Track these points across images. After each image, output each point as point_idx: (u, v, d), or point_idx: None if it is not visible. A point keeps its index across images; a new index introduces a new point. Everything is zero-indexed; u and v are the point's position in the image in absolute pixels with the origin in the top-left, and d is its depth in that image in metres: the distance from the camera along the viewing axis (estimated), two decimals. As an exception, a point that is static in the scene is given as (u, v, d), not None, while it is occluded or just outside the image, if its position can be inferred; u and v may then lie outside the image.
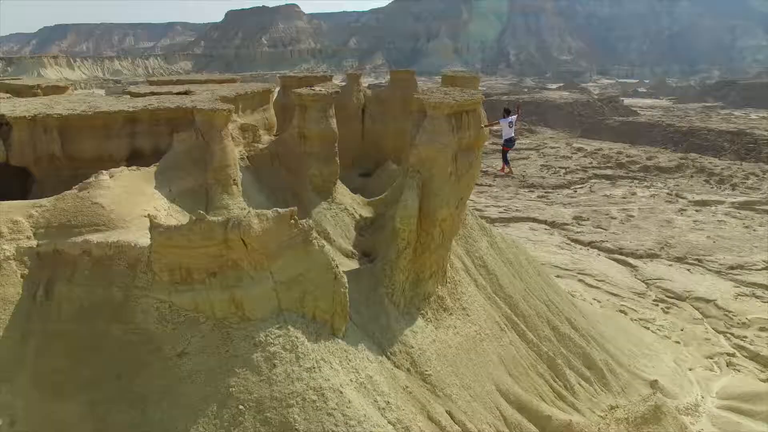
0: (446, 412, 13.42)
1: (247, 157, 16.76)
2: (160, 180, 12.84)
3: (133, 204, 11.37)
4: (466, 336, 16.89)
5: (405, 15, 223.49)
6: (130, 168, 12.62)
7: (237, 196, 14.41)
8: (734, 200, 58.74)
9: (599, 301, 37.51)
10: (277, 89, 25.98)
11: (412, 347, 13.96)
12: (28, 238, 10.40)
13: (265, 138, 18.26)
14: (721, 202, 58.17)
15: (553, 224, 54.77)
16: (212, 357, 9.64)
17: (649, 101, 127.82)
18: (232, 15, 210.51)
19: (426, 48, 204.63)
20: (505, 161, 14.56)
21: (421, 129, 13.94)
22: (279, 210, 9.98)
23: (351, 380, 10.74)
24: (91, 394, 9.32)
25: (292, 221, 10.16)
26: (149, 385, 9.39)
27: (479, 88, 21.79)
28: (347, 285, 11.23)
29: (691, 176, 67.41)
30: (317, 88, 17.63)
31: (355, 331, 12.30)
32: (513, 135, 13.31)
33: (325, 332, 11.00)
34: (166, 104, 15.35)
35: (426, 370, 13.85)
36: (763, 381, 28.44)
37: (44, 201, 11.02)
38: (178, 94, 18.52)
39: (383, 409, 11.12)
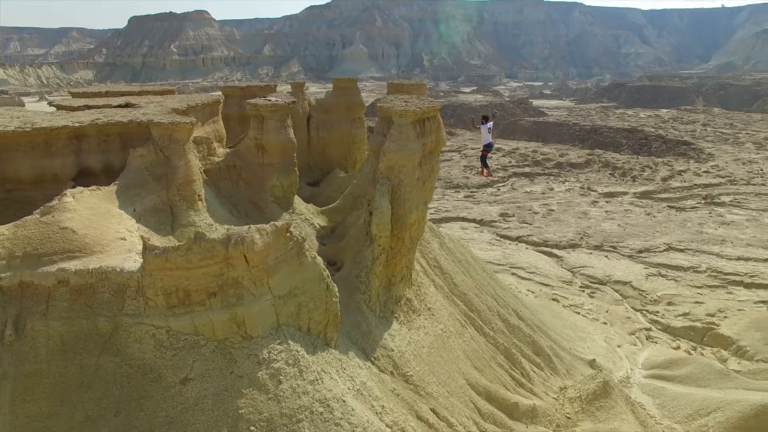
0: (430, 410, 13.84)
1: (204, 171, 16.13)
2: (122, 199, 12.04)
3: (105, 226, 10.56)
4: (434, 335, 17.45)
5: (319, 22, 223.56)
6: (89, 188, 11.71)
7: (203, 212, 13.85)
8: (635, 191, 65.05)
9: (533, 292, 39.90)
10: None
11: (392, 350, 14.23)
12: (-11, 271, 9.33)
13: (220, 151, 17.66)
14: (625, 193, 64.18)
15: (481, 222, 57.32)
16: (217, 380, 9.24)
17: (554, 102, 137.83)
18: (136, 21, 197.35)
19: (341, 54, 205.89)
20: (485, 165, 15.31)
21: (389, 136, 14.28)
22: (276, 224, 9.82)
23: (349, 388, 10.80)
24: (87, 435, 8.55)
25: (288, 234, 10.05)
26: (153, 418, 8.79)
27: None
28: (338, 295, 11.27)
29: (599, 170, 73.70)
30: (273, 99, 17.37)
31: (342, 339, 12.35)
32: (491, 140, 14.09)
33: (320, 343, 10.97)
34: (116, 118, 14.39)
35: (407, 372, 14.18)
36: (675, 349, 31.98)
37: (2, 228, 9.92)
38: (118, 107, 17.38)
39: (380, 413, 11.29)
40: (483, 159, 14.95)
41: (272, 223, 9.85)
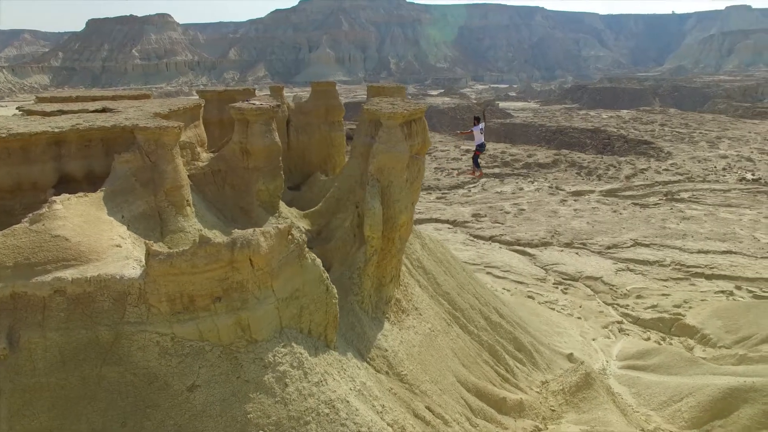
0: (426, 407, 14.02)
1: (189, 176, 15.85)
2: (110, 206, 11.73)
3: (98, 233, 10.28)
4: (423, 334, 17.65)
5: (285, 26, 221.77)
6: (76, 195, 11.38)
7: (191, 218, 13.64)
8: (601, 189, 67.19)
9: (508, 290, 40.69)
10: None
11: (386, 350, 14.35)
12: (-22, 283, 8.92)
13: (203, 155, 17.40)
14: (592, 191, 66.23)
15: (454, 223, 58.02)
16: (224, 386, 9.13)
17: (519, 104, 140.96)
18: (94, 24, 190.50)
19: (308, 58, 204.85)
20: (476, 165, 15.61)
21: (378, 138, 14.43)
22: (279, 226, 9.80)
23: (351, 389, 10.86)
24: (92, 447, 8.27)
25: (290, 236, 10.04)
26: (161, 427, 8.59)
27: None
28: (337, 296, 11.32)
29: (565, 170, 75.77)
30: (257, 103, 17.25)
31: (339, 340, 12.39)
32: (483, 140, 14.42)
33: (320, 345, 10.99)
34: (98, 123, 14.00)
35: (401, 371, 14.33)
36: (646, 340, 33.27)
37: None
38: (95, 111, 16.91)
39: (381, 413, 11.39)
40: (475, 159, 15.33)
41: (275, 225, 9.84)
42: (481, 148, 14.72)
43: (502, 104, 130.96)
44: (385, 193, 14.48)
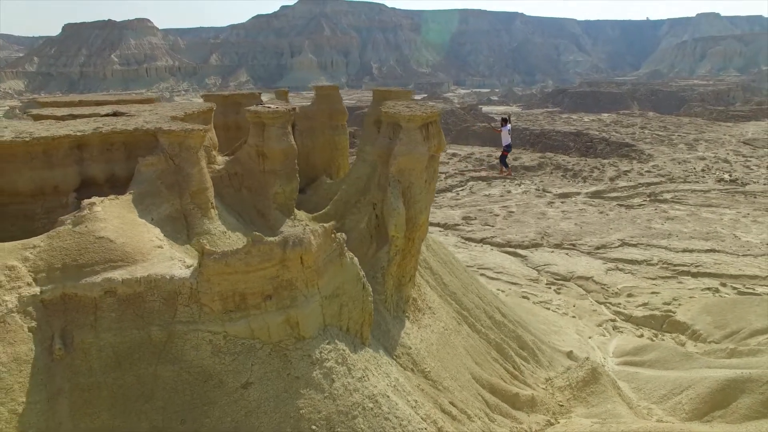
0: (450, 403, 14.29)
1: (207, 179, 15.88)
2: (140, 209, 11.76)
3: (139, 235, 10.30)
4: (439, 332, 17.95)
5: (267, 31, 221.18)
6: (108, 198, 11.37)
7: (216, 220, 13.70)
8: (587, 191, 68.61)
9: (503, 291, 41.26)
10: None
11: (410, 348, 14.60)
12: (29, 284, 8.84)
13: (219, 159, 17.45)
14: (578, 193, 67.57)
15: (446, 226, 58.53)
16: (276, 382, 9.26)
17: (502, 108, 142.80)
18: (71, 28, 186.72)
19: (290, 63, 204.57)
20: (504, 164, 16.02)
21: (399, 141, 14.72)
22: (324, 225, 10.00)
23: (387, 384, 11.08)
24: (153, 445, 8.31)
25: (333, 235, 10.24)
26: (220, 424, 8.68)
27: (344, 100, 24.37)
28: (372, 294, 11.53)
29: (551, 172, 77.12)
30: (273, 106, 17.37)
31: (371, 339, 12.60)
32: (510, 141, 14.82)
33: (357, 342, 11.19)
34: (119, 126, 13.99)
35: (425, 368, 14.59)
36: (639, 337, 34.12)
37: (36, 240, 9.47)
38: (106, 116, 16.85)
39: (414, 407, 11.63)
40: (503, 159, 15.77)
41: (321, 225, 10.04)
42: (508, 148, 15.19)
43: (484, 108, 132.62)
44: (405, 194, 14.77)
